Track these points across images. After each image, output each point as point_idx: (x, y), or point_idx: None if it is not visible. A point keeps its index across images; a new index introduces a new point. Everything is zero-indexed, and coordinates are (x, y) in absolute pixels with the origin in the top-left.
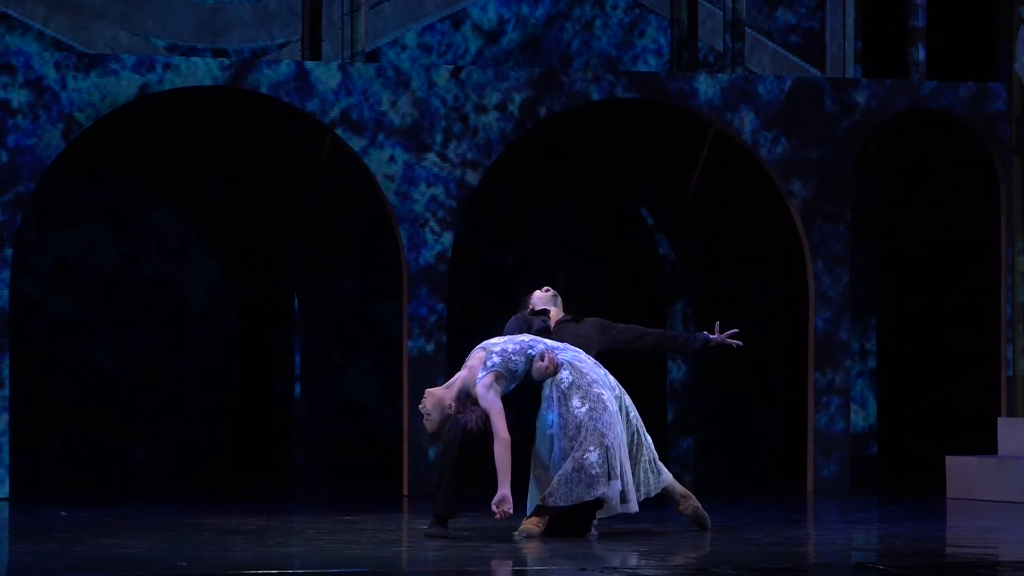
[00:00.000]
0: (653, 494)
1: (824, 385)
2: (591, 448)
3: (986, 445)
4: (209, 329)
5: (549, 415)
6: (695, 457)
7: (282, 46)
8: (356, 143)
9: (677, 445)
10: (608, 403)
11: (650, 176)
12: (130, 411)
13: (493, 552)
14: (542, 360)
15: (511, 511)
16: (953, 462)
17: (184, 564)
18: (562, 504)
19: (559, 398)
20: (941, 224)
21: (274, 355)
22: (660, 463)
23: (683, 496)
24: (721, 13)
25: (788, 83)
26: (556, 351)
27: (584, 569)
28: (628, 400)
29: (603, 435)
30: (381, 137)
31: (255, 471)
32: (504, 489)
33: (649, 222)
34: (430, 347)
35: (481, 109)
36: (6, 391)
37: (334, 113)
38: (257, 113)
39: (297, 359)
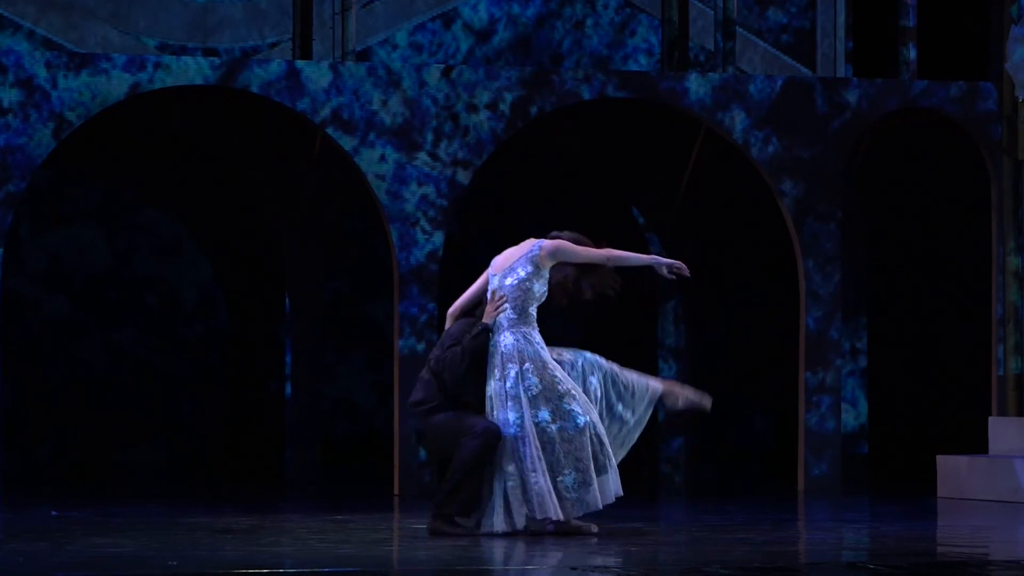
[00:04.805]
0: None
1: (815, 384)
2: (567, 471)
3: (977, 444)
4: (201, 328)
5: (511, 414)
6: (686, 457)
7: (273, 45)
8: (347, 142)
9: (668, 445)
10: (578, 414)
11: (641, 175)
12: (122, 410)
13: (484, 552)
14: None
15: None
16: (944, 461)
17: (175, 563)
18: (537, 517)
19: (527, 402)
20: (932, 223)
21: (266, 354)
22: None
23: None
24: (712, 12)
25: (779, 82)
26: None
27: (575, 569)
28: (594, 377)
29: (578, 459)
30: (372, 136)
31: (247, 470)
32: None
33: (640, 221)
34: (421, 346)
35: (472, 108)
36: None
37: (325, 112)
38: (248, 112)
39: (288, 358)
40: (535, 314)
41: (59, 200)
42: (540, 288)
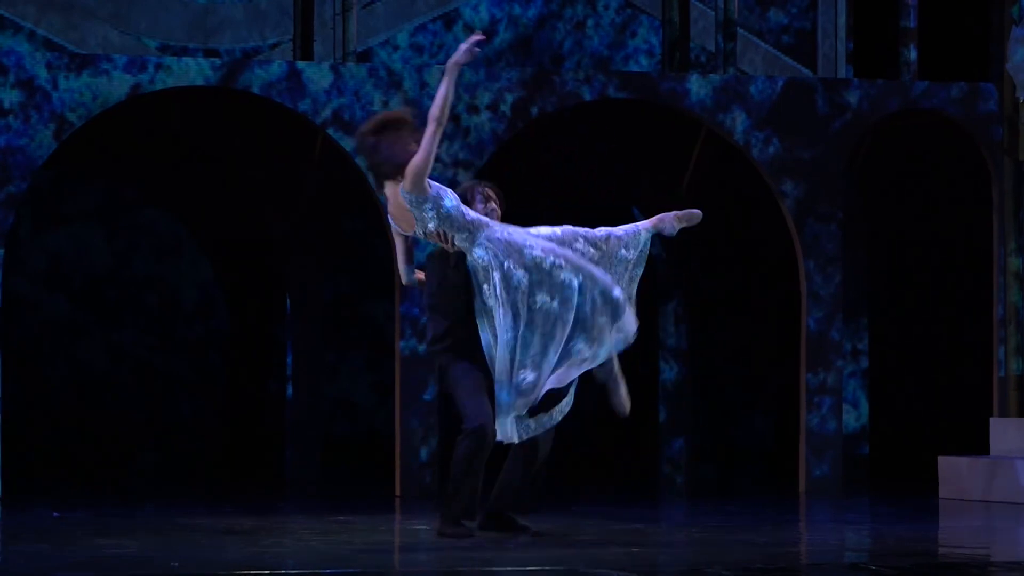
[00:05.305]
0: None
1: (816, 385)
2: (527, 370)
3: (978, 446)
4: (201, 328)
5: (505, 318)
6: (687, 457)
7: (274, 46)
8: (348, 143)
9: (669, 445)
10: (572, 279)
11: (642, 176)
12: (123, 410)
13: (485, 554)
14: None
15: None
16: (945, 462)
17: (176, 564)
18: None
19: (521, 298)
20: (933, 224)
21: (266, 354)
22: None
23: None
24: (713, 13)
25: (780, 83)
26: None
27: (575, 570)
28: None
29: (540, 362)
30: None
31: (248, 470)
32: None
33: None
34: (422, 347)
35: (473, 109)
36: None
37: (326, 113)
38: (249, 113)
39: (289, 358)
40: (476, 215)
41: (59, 200)
42: (449, 202)
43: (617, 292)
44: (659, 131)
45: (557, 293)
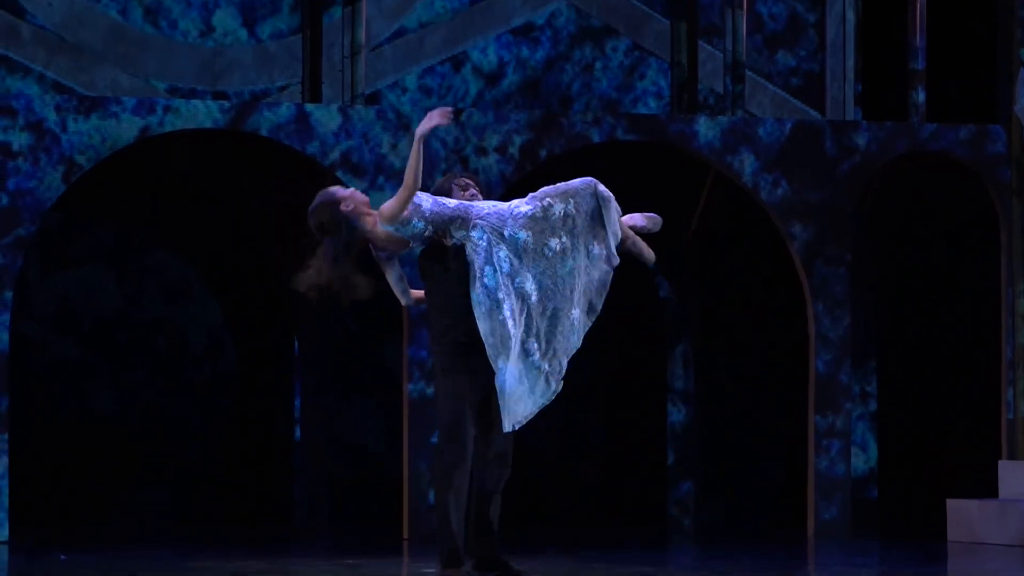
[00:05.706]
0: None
1: (825, 428)
2: (574, 309)
3: (987, 488)
4: (210, 370)
5: (527, 283)
6: (695, 500)
7: (282, 89)
8: (357, 186)
9: (677, 488)
10: (571, 249)
11: None
12: (131, 452)
13: None
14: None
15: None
16: (954, 505)
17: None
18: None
19: (537, 252)
20: (941, 266)
21: (274, 397)
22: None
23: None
24: (721, 56)
25: (788, 125)
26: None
27: None
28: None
29: (578, 290)
30: (381, 180)
31: (255, 513)
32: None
33: (649, 265)
34: (430, 390)
35: (481, 151)
36: (6, 435)
37: (334, 156)
38: (257, 155)
39: (298, 401)
40: (456, 202)
41: (68, 243)
42: (427, 204)
43: (602, 188)
44: (667, 173)
45: (561, 231)
